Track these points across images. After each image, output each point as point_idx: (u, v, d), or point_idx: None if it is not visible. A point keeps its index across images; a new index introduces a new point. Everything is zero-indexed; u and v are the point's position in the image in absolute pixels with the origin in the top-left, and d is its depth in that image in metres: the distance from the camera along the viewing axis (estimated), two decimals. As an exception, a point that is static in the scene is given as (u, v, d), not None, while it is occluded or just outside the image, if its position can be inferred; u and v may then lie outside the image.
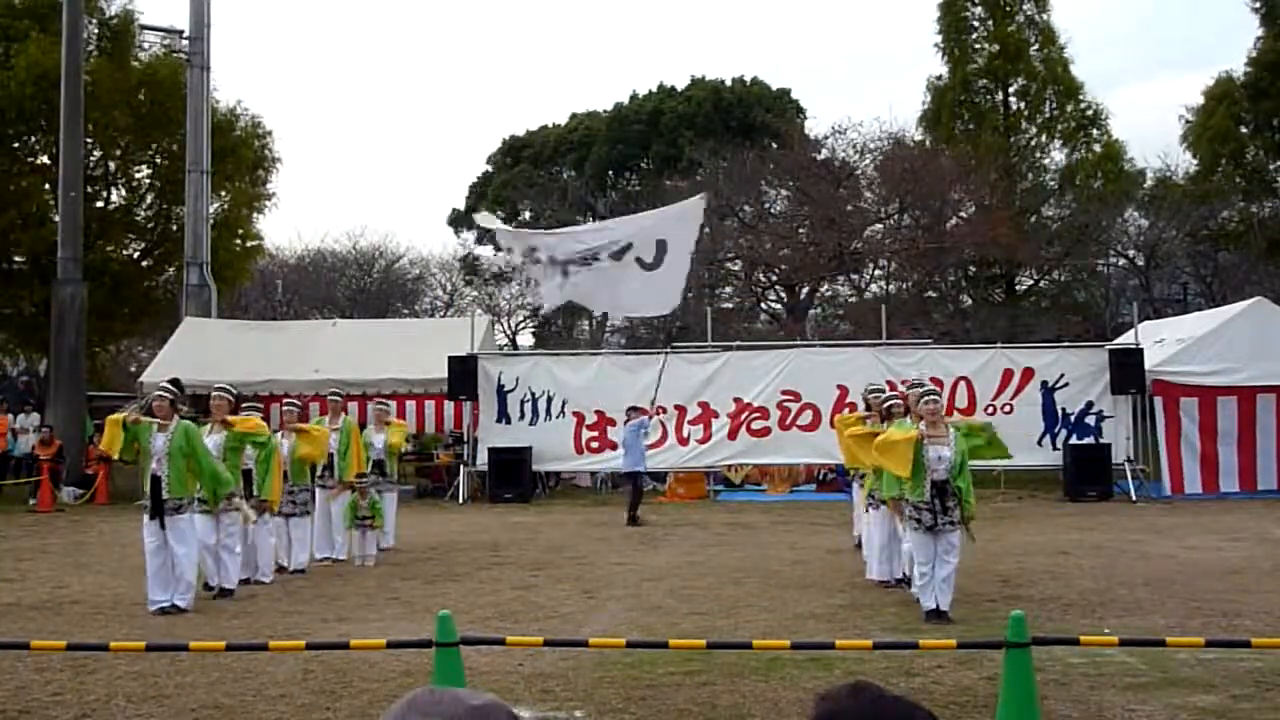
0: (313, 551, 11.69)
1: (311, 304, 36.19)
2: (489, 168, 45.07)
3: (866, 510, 10.43)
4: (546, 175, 41.93)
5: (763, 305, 34.50)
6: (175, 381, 9.50)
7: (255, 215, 28.02)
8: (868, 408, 10.73)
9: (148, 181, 26.53)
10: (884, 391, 10.81)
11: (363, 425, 13.41)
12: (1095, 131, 34.70)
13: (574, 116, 44.41)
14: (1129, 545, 12.10)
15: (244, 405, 11.09)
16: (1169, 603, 8.74)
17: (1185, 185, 32.35)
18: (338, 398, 12.82)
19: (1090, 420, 18.27)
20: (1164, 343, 18.99)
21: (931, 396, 8.52)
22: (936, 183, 29.52)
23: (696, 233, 10.58)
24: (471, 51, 71.57)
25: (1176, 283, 32.47)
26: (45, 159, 24.82)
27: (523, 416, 19.15)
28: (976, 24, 35.00)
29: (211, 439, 9.70)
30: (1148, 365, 18.00)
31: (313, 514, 11.51)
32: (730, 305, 33.18)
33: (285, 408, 11.87)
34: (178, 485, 8.96)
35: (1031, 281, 33.69)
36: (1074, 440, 18.09)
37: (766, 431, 18.76)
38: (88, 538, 14.28)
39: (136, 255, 26.83)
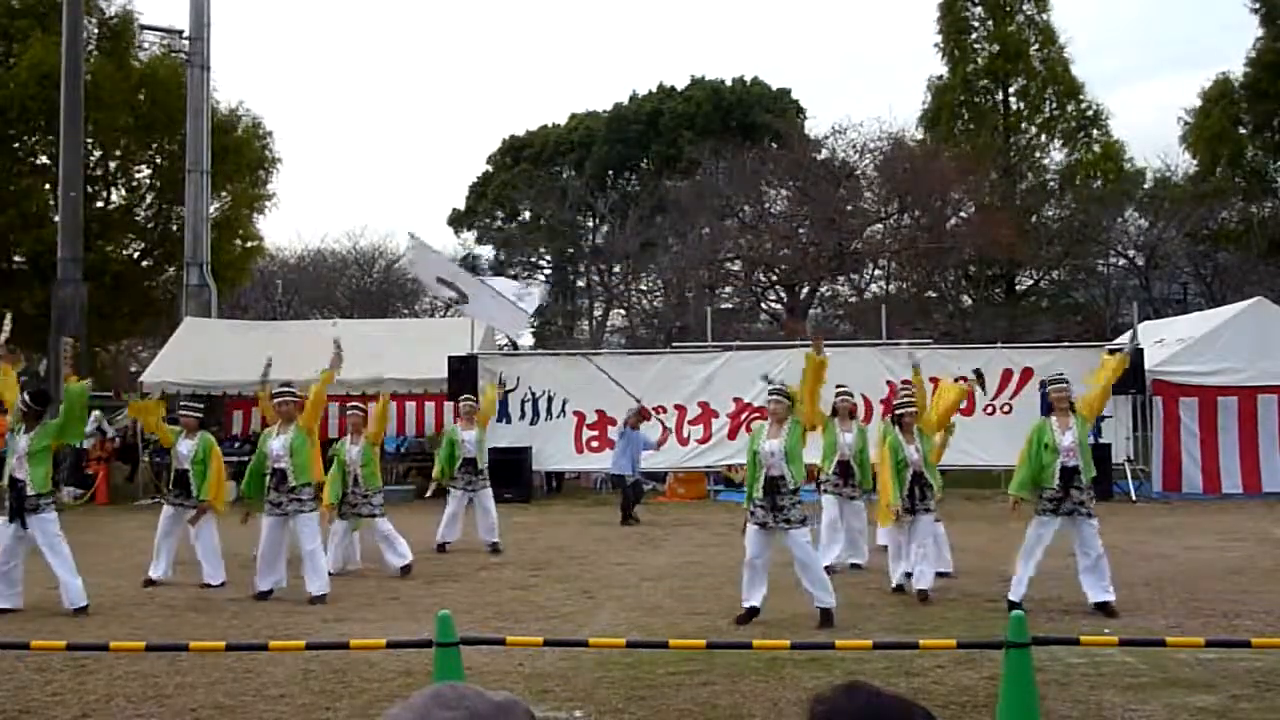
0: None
1: (311, 304, 36.20)
2: (489, 168, 45.09)
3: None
4: (546, 175, 41.95)
5: (763, 305, 34.53)
6: (39, 394, 9.54)
7: (255, 215, 28.04)
8: (834, 413, 11.13)
9: (148, 181, 26.53)
10: (850, 395, 11.64)
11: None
12: (1095, 131, 34.76)
13: (574, 116, 44.44)
14: (1129, 545, 12.08)
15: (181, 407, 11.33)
16: (1169, 603, 8.74)
17: (1185, 185, 32.37)
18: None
19: (1090, 420, 18.25)
20: (1164, 343, 18.98)
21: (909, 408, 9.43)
22: (936, 183, 29.55)
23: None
24: (471, 51, 71.66)
25: (1176, 283, 32.48)
26: (45, 159, 24.81)
27: (523, 416, 19.15)
28: (976, 24, 35.04)
29: (279, 440, 9.70)
30: (1148, 365, 17.98)
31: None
32: (730, 305, 33.22)
33: (351, 411, 11.74)
34: (39, 482, 9.00)
35: (1031, 281, 33.73)
36: (1074, 440, 18.07)
37: (766, 431, 18.74)
38: (88, 538, 14.24)
39: (136, 255, 26.82)
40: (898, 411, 9.75)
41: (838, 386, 11.62)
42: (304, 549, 9.48)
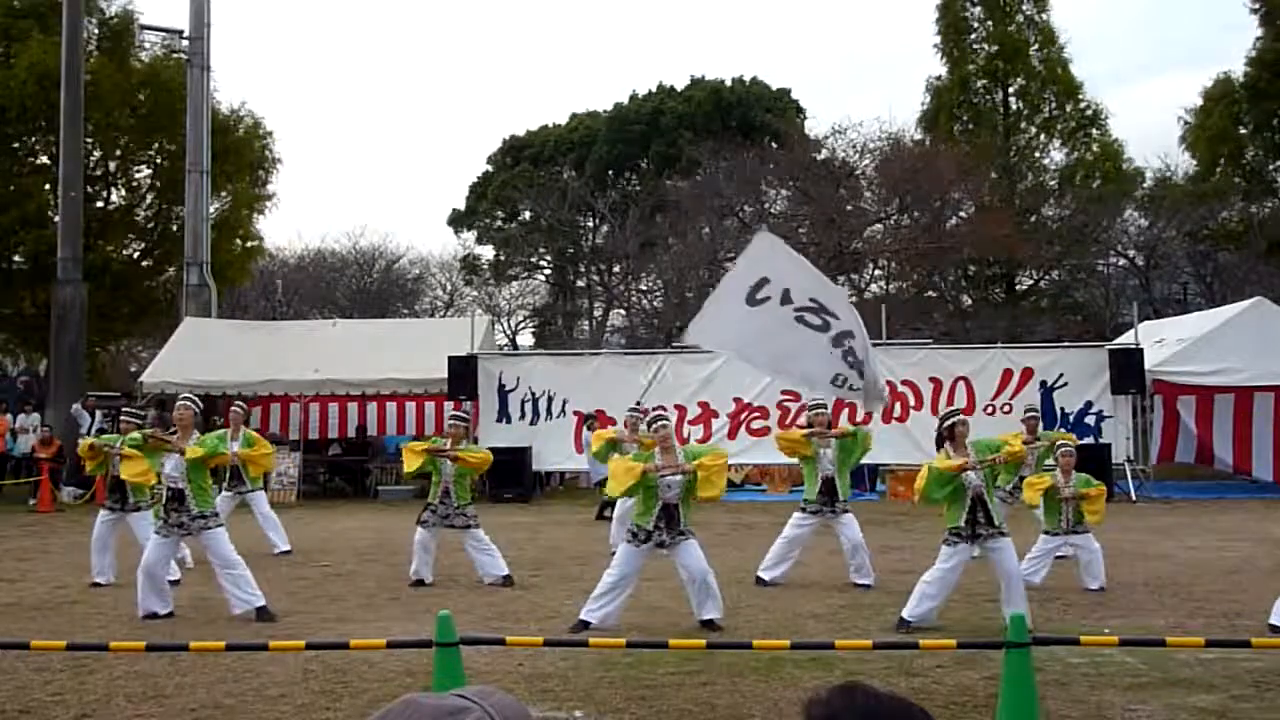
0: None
1: (311, 304, 36.22)
2: (489, 168, 45.11)
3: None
4: (546, 175, 41.95)
5: (763, 305, 34.47)
6: None
7: (255, 215, 28.04)
8: (809, 425, 10.75)
9: (148, 181, 26.54)
10: (825, 409, 10.77)
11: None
12: (1095, 131, 34.77)
13: (574, 116, 44.46)
14: (1129, 545, 12.09)
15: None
16: (1169, 603, 8.74)
17: (1185, 185, 32.38)
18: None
19: (1090, 420, 18.27)
20: (1164, 343, 19.00)
21: (960, 420, 8.26)
22: (936, 183, 29.56)
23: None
24: (471, 51, 71.64)
25: (1176, 283, 32.48)
26: (45, 159, 24.84)
27: (523, 416, 19.15)
28: (975, 24, 35.05)
29: (172, 459, 8.52)
30: (1148, 365, 18.00)
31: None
32: (730, 305, 33.13)
33: (451, 423, 10.84)
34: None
35: (1031, 281, 33.74)
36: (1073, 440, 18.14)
37: (766, 431, 18.75)
38: (87, 538, 14.21)
39: (136, 255, 26.83)
40: (947, 422, 8.30)
41: (812, 399, 11.04)
42: (221, 561, 8.48)
